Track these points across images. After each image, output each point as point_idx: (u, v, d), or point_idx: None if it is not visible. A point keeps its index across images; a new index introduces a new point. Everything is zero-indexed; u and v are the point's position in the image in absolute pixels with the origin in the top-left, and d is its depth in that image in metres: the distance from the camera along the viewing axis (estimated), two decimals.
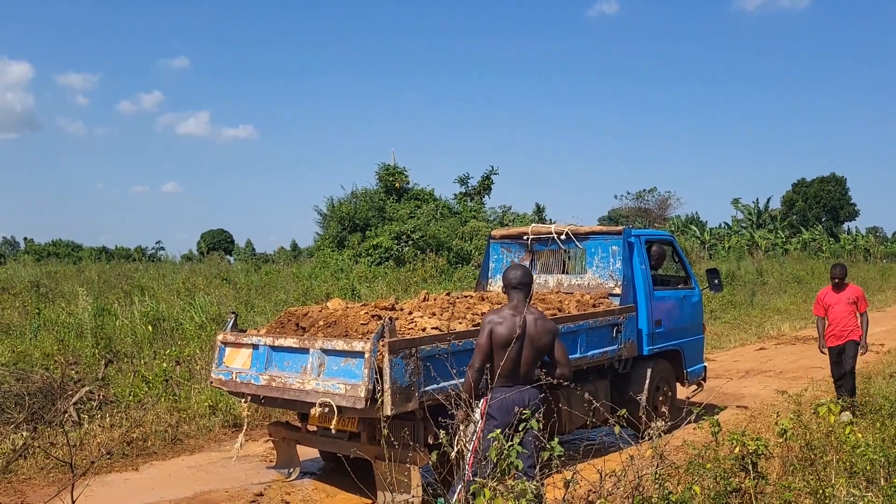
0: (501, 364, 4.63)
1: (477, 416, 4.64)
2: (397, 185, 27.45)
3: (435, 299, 7.11)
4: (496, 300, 7.24)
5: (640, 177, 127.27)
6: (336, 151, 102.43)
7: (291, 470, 6.76)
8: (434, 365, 5.49)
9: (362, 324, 5.87)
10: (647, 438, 4.85)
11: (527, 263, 8.46)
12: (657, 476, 4.12)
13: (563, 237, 8.23)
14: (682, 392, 8.81)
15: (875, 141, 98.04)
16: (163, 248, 55.33)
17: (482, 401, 4.71)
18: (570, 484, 3.75)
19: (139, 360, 10.59)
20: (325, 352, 5.60)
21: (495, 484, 3.46)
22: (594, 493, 4.38)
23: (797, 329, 17.65)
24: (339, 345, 5.52)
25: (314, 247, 28.77)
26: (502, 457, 3.59)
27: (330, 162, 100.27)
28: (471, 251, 24.19)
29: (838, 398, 7.00)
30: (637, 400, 7.29)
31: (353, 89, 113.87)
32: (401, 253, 22.65)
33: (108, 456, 3.09)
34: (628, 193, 52.98)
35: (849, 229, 55.30)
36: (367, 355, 5.23)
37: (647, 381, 7.93)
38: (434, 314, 6.35)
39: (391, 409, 5.18)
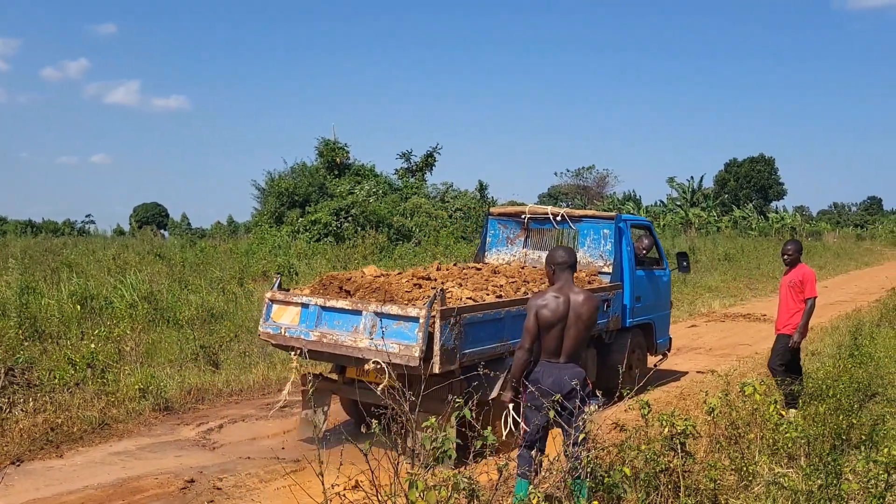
0: (546, 342, 4.80)
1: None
2: (338, 160, 27.12)
3: (448, 269, 7.97)
4: (509, 272, 8.05)
5: (580, 155, 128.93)
6: (275, 125, 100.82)
7: (323, 416, 6.99)
8: (471, 330, 6.22)
9: (406, 291, 6.56)
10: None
11: (522, 240, 9.28)
12: (589, 459, 4.18)
13: (558, 218, 8.94)
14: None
15: (802, 123, 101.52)
16: (93, 222, 53.57)
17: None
18: (503, 470, 3.77)
19: (66, 340, 10.23)
20: (379, 315, 6.18)
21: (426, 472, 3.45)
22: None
23: (727, 306, 18.19)
24: (394, 309, 6.13)
25: (252, 222, 28.26)
26: (435, 443, 3.59)
27: (268, 135, 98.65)
28: (411, 228, 24.11)
29: (779, 386, 7.12)
30: (618, 368, 8.00)
31: (291, 62, 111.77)
32: (340, 229, 22.42)
33: (17, 463, 2.94)
34: (568, 171, 53.74)
35: (777, 208, 57.14)
36: (421, 320, 5.89)
37: (627, 351, 8.70)
38: (460, 285, 7.04)
39: (439, 368, 5.92)
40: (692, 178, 52.72)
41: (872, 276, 26.13)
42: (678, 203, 50.73)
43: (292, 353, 6.78)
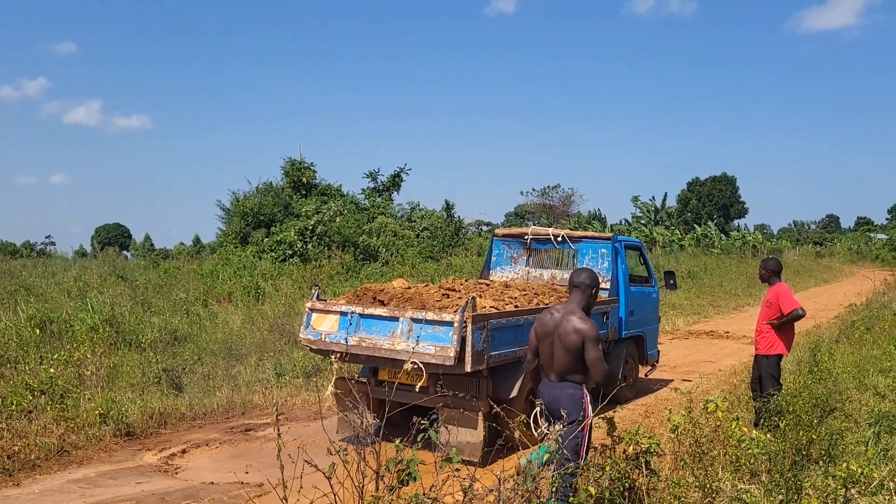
0: (541, 358, 5.07)
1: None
2: (304, 179, 27.02)
3: (462, 283, 8.65)
4: (520, 286, 8.75)
5: (545, 174, 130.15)
6: (239, 144, 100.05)
7: (359, 417, 7.08)
8: (497, 335, 6.90)
9: (436, 300, 7.27)
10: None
11: (524, 259, 9.91)
12: (554, 479, 4.19)
13: (559, 239, 9.63)
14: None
15: (763, 143, 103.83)
16: (53, 243, 52.38)
17: None
18: (468, 491, 3.77)
19: (24, 365, 9.99)
20: (415, 320, 6.83)
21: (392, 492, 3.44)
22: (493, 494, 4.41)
23: (690, 324, 18.41)
24: (430, 315, 6.77)
25: (216, 243, 27.96)
26: (400, 465, 3.57)
27: (233, 155, 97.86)
28: (378, 247, 24.03)
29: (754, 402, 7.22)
30: (616, 375, 9.04)
31: (255, 80, 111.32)
32: (305, 249, 22.27)
33: None
34: (533, 190, 53.98)
35: (738, 226, 58.11)
36: (455, 325, 6.54)
37: (623, 360, 9.48)
38: (481, 296, 7.67)
39: (470, 368, 6.59)
40: (654, 197, 53.50)
41: (831, 292, 26.64)
42: (642, 221, 51.34)
43: (332, 356, 7.30)
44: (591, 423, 4.89)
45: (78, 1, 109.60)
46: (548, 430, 4.72)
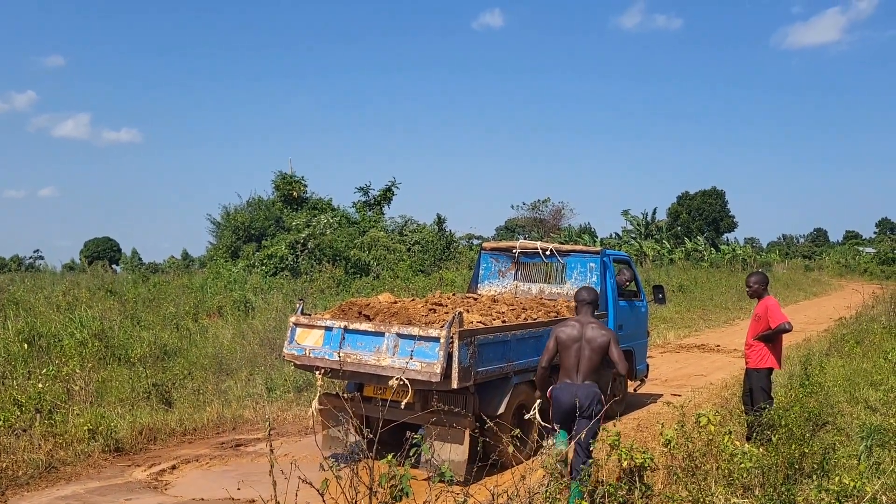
0: (565, 361, 5.73)
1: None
2: (295, 193, 27.03)
3: (449, 298, 8.57)
4: (508, 300, 8.72)
5: (536, 188, 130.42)
6: (230, 158, 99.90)
7: (344, 433, 7.30)
8: (484, 350, 6.82)
9: (423, 315, 7.22)
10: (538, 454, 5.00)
11: (512, 273, 9.88)
12: (548, 495, 4.18)
13: (547, 252, 9.58)
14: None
15: (751, 158, 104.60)
16: (41, 258, 52.25)
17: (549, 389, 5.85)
18: None
19: (12, 380, 9.89)
20: (401, 336, 6.76)
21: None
22: None
23: (681, 337, 18.44)
24: (415, 331, 6.70)
25: (206, 256, 27.89)
26: (393, 480, 3.55)
27: (223, 169, 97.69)
28: (369, 261, 24.02)
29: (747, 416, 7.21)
30: (605, 390, 8.91)
31: (245, 94, 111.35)
32: (296, 263, 22.23)
33: None
34: (524, 204, 53.96)
35: (728, 240, 58.35)
36: (442, 340, 6.46)
37: (611, 375, 9.15)
38: (468, 311, 7.60)
39: (456, 384, 6.48)
40: (646, 210, 53.66)
41: (820, 305, 26.76)
42: (632, 235, 51.45)
43: (317, 372, 7.20)
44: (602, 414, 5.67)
45: (67, 14, 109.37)
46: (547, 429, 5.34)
